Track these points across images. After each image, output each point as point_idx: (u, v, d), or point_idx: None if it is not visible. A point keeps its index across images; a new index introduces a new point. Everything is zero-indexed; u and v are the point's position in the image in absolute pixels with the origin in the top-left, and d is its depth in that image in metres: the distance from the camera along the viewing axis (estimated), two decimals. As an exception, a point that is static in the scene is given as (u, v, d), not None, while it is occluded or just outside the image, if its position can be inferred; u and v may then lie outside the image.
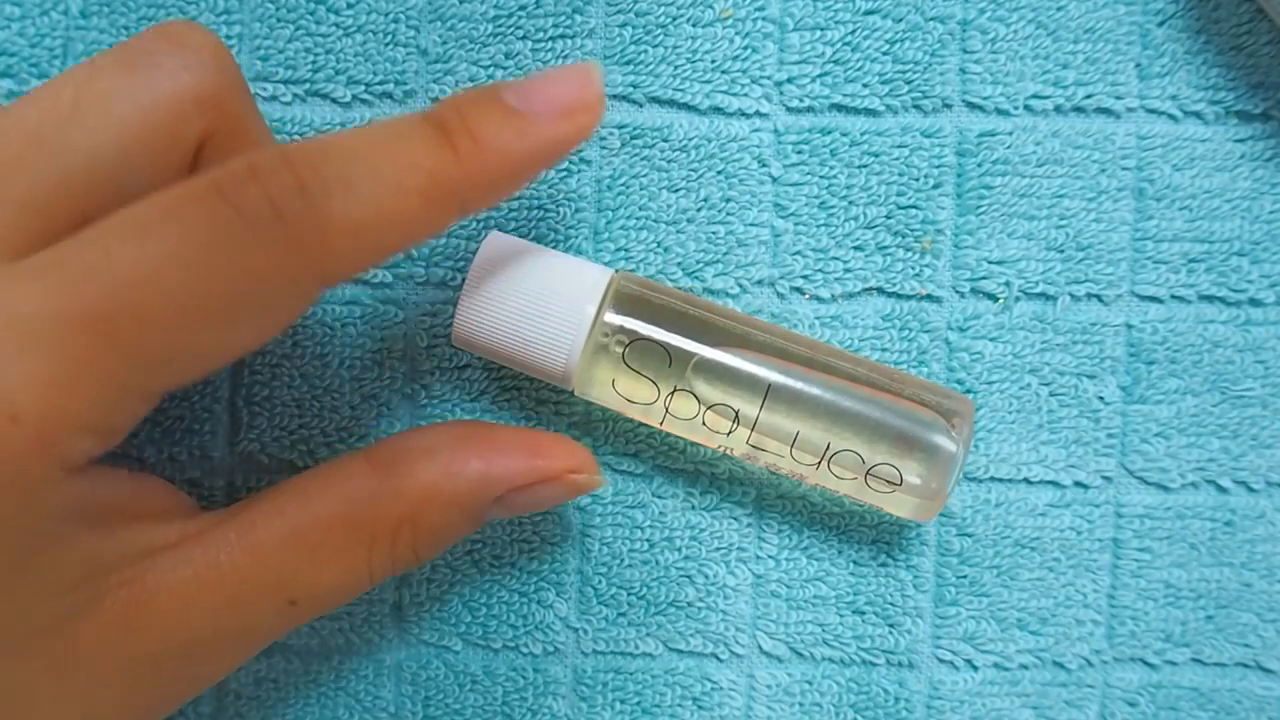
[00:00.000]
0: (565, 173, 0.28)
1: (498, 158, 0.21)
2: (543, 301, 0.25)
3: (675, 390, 0.25)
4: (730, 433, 0.25)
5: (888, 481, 0.25)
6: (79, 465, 0.20)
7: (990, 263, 0.28)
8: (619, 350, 0.25)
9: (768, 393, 0.25)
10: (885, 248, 0.28)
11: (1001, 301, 0.28)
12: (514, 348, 0.25)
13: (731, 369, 0.25)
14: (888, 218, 0.28)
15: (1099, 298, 0.28)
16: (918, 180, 0.28)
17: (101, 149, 0.20)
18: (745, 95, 0.28)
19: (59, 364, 0.19)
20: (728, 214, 0.28)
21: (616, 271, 0.26)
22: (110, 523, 0.21)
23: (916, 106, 0.28)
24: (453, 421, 0.25)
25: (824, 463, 0.25)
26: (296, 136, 0.28)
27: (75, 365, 0.19)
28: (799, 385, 0.25)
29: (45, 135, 0.20)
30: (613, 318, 0.25)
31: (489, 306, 0.25)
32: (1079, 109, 0.27)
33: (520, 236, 0.28)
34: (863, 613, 0.28)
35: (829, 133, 0.28)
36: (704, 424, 0.25)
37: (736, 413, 0.25)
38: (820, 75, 0.28)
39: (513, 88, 0.22)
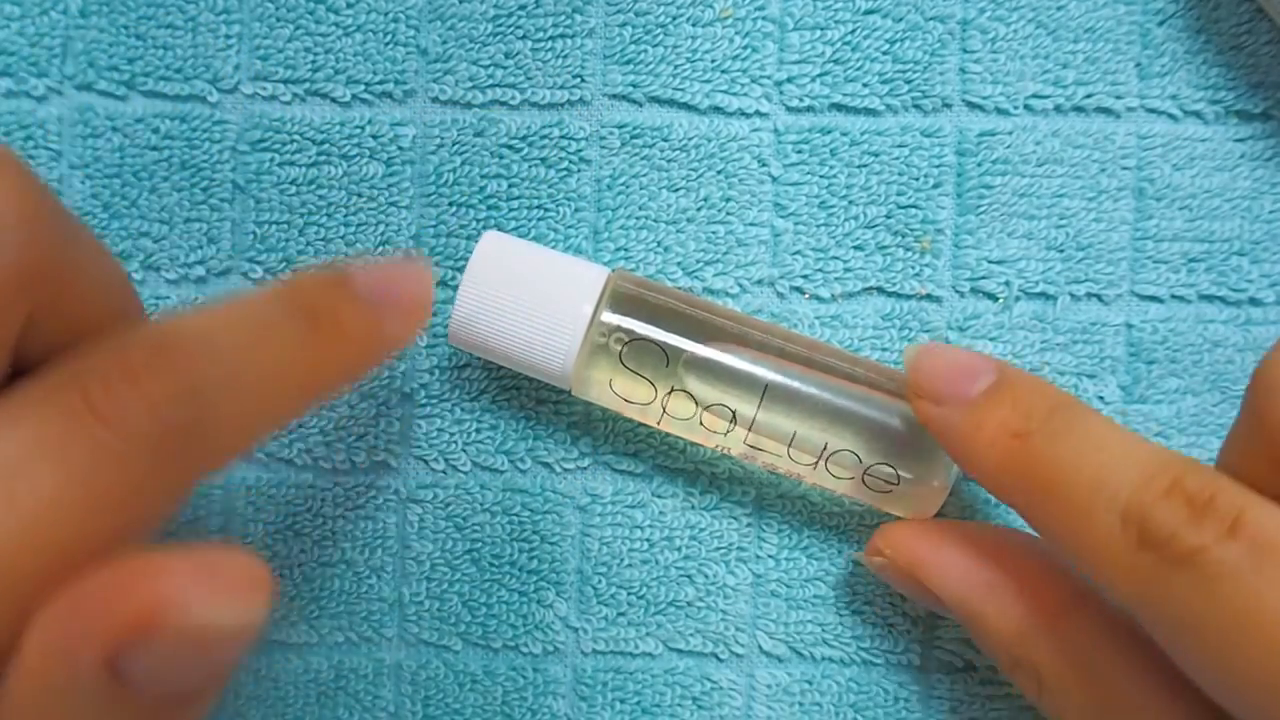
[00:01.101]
0: (565, 172, 0.28)
1: (357, 343, 0.21)
2: (539, 301, 0.25)
3: (672, 390, 0.25)
4: (728, 433, 0.25)
5: (885, 481, 0.25)
6: None
7: (990, 262, 0.28)
8: (616, 350, 0.25)
9: (765, 392, 0.25)
10: (885, 247, 0.28)
11: (1001, 301, 0.28)
12: (511, 348, 0.25)
13: (728, 368, 0.25)
14: (888, 217, 0.28)
15: (1099, 297, 0.28)
16: (918, 180, 0.28)
17: None
18: (745, 95, 0.28)
19: None
20: (728, 214, 0.28)
21: (614, 270, 0.26)
22: None
23: (916, 106, 0.27)
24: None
25: (822, 462, 0.25)
26: (297, 137, 0.28)
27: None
28: (796, 385, 0.25)
29: None
30: (610, 317, 0.25)
31: (485, 306, 0.25)
32: (1079, 109, 0.27)
33: (520, 236, 0.28)
34: (862, 613, 0.28)
35: (829, 132, 0.28)
36: (701, 424, 0.25)
37: (734, 413, 0.25)
38: (820, 75, 0.28)
39: (360, 280, 0.21)
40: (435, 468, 0.28)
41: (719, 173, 0.28)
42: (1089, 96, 0.27)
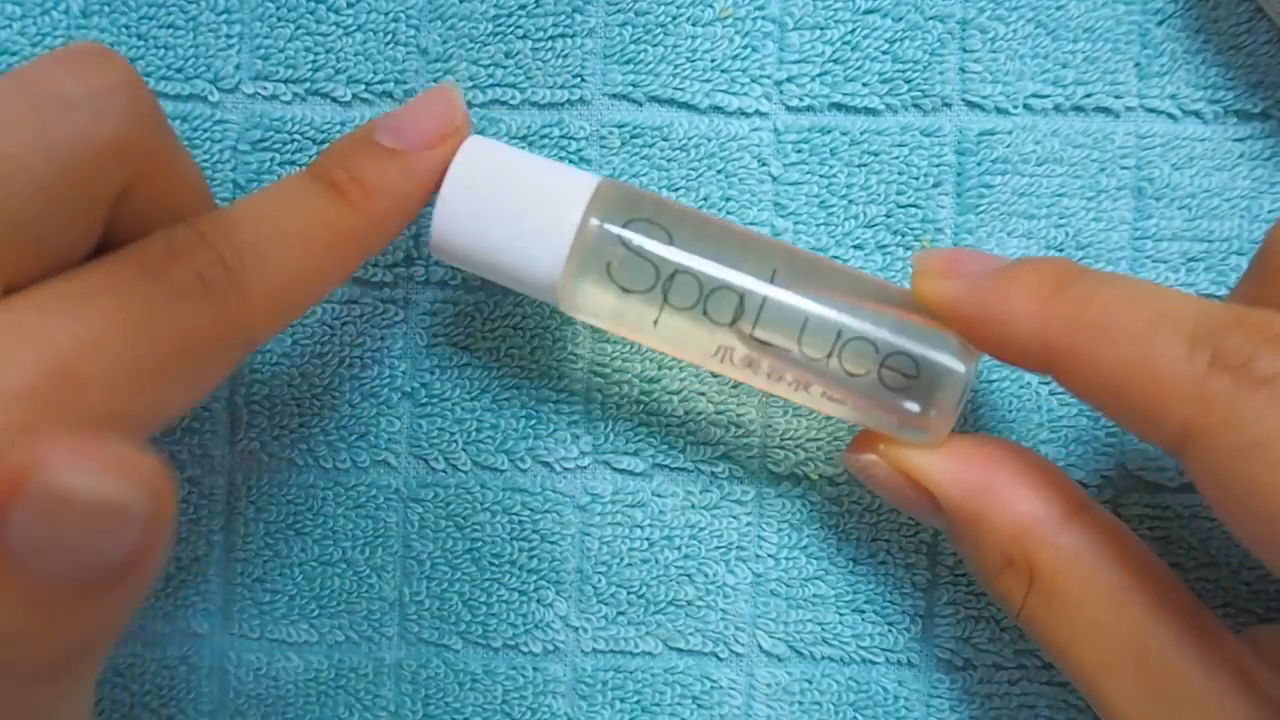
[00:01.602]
0: (565, 172, 0.28)
1: (386, 198, 0.23)
2: (527, 196, 0.23)
3: (676, 273, 0.23)
4: (735, 322, 0.23)
5: (904, 375, 0.23)
6: None
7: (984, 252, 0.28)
8: (614, 235, 0.23)
9: (775, 272, 0.23)
10: (885, 247, 0.28)
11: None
12: (495, 254, 0.24)
13: (735, 243, 0.24)
14: (887, 216, 0.28)
15: (1098, 297, 0.28)
16: (917, 179, 0.28)
17: (15, 209, 0.19)
18: (745, 94, 0.28)
19: (5, 437, 0.18)
20: (728, 213, 0.28)
21: (603, 178, 0.24)
22: None
23: (916, 105, 0.28)
24: None
25: (835, 355, 0.23)
26: (298, 137, 0.28)
27: (14, 432, 0.18)
28: (808, 267, 0.24)
29: None
30: (605, 206, 0.23)
31: (468, 213, 0.24)
32: (1078, 108, 0.27)
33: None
34: (862, 612, 0.28)
35: (829, 132, 0.28)
36: (705, 313, 0.23)
37: (741, 297, 0.23)
38: (820, 74, 0.28)
39: (384, 127, 0.24)
40: (435, 467, 0.28)
41: (719, 172, 0.28)
42: (1088, 96, 0.27)
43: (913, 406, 0.23)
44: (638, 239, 0.23)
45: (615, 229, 0.23)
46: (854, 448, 0.25)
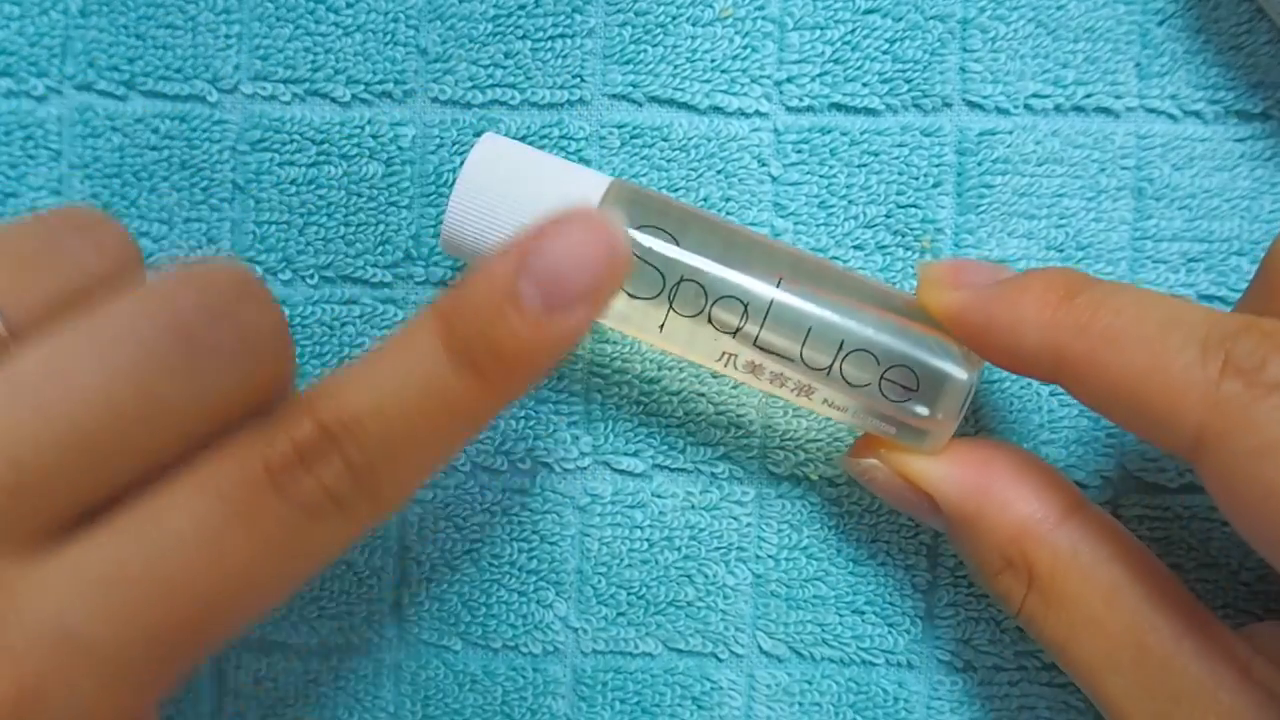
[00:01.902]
0: (565, 172, 0.28)
1: (527, 368, 0.20)
2: (539, 199, 0.23)
3: (681, 281, 0.23)
4: (738, 331, 0.23)
5: (904, 388, 0.23)
6: None
7: (991, 262, 0.28)
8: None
9: (779, 283, 0.23)
10: (885, 247, 0.28)
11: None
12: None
13: (740, 251, 0.24)
14: (887, 217, 0.28)
15: (1099, 297, 0.28)
16: (917, 179, 0.28)
17: (152, 451, 0.19)
18: (745, 95, 0.28)
19: (140, 675, 0.18)
20: (728, 214, 0.28)
21: (615, 179, 0.25)
22: None
23: (916, 105, 0.28)
24: None
25: (837, 364, 0.23)
26: (297, 137, 0.28)
27: (153, 668, 0.18)
28: (813, 273, 0.24)
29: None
30: (616, 209, 0.24)
31: (480, 211, 0.24)
32: (1079, 108, 0.27)
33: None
34: (862, 613, 0.28)
35: (829, 132, 0.28)
36: (709, 321, 0.23)
37: (745, 306, 0.23)
38: (820, 74, 0.28)
39: (530, 273, 0.19)
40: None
41: (719, 172, 0.28)
42: (1089, 96, 0.27)
43: (914, 415, 0.24)
44: (645, 246, 0.23)
45: (627, 222, 0.23)
46: (854, 452, 0.25)
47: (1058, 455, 0.27)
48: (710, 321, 0.23)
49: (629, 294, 0.24)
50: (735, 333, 0.23)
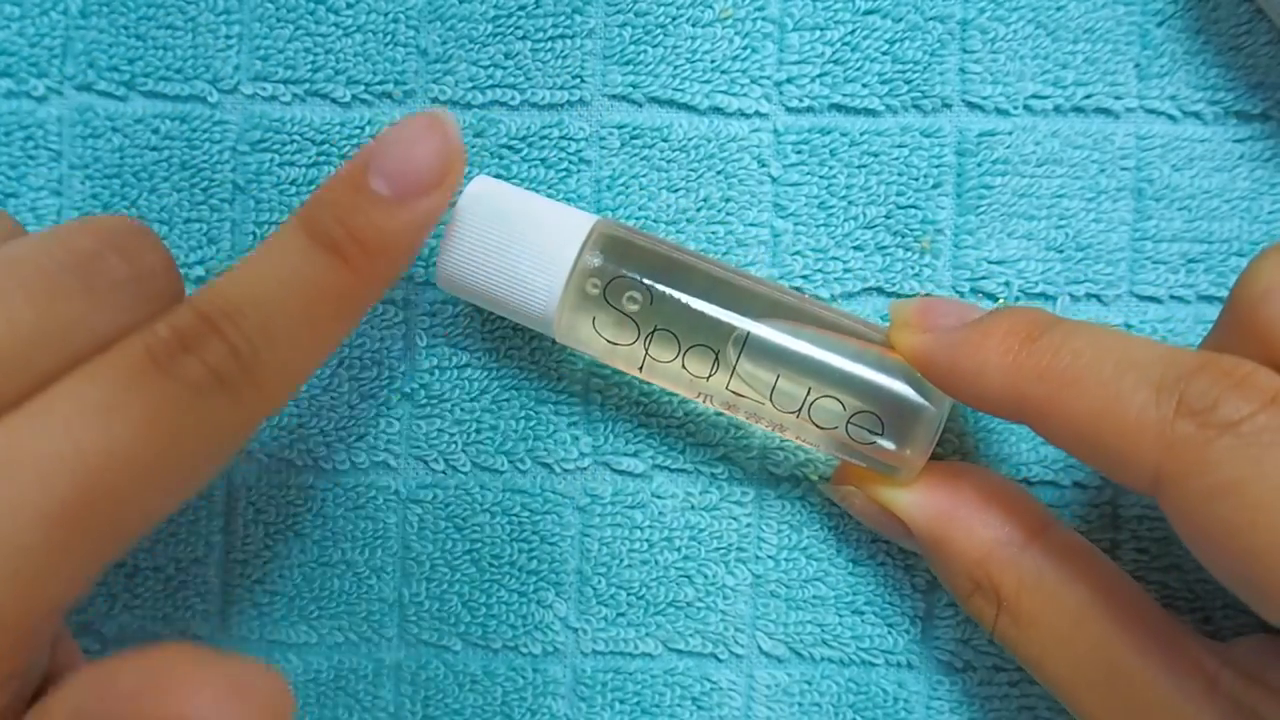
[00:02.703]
0: (564, 173, 0.28)
1: (388, 256, 0.22)
2: (524, 244, 0.25)
3: (655, 330, 0.25)
4: (710, 377, 0.25)
5: (869, 431, 0.24)
6: (46, 639, 0.20)
7: (990, 263, 0.28)
8: (599, 288, 0.25)
9: (747, 338, 0.24)
10: (885, 248, 0.28)
11: (1001, 302, 0.28)
12: (495, 290, 0.25)
13: (711, 308, 0.25)
14: (887, 217, 0.28)
15: (1098, 298, 0.28)
16: (917, 180, 0.28)
17: (51, 370, 0.20)
18: (745, 95, 0.28)
19: (38, 559, 0.18)
20: (727, 214, 0.28)
21: (601, 218, 0.26)
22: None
23: (916, 106, 0.28)
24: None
25: (805, 410, 0.24)
26: (297, 138, 0.28)
27: (55, 556, 0.19)
28: (780, 328, 0.25)
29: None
30: (594, 259, 0.25)
31: (472, 249, 0.25)
32: (1078, 109, 0.27)
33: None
34: (862, 613, 0.28)
35: (829, 133, 0.28)
36: (684, 367, 0.25)
37: (716, 354, 0.25)
38: (820, 75, 0.28)
39: (379, 170, 0.22)
40: (435, 468, 0.28)
41: (719, 173, 0.28)
42: (1088, 97, 0.27)
43: (882, 451, 0.25)
44: (619, 298, 0.25)
45: (599, 287, 0.25)
46: (834, 479, 0.27)
47: (1057, 455, 0.27)
48: (685, 367, 0.25)
49: (608, 342, 0.25)
50: (708, 378, 0.25)
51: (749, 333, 0.24)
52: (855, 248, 0.28)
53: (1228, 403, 0.20)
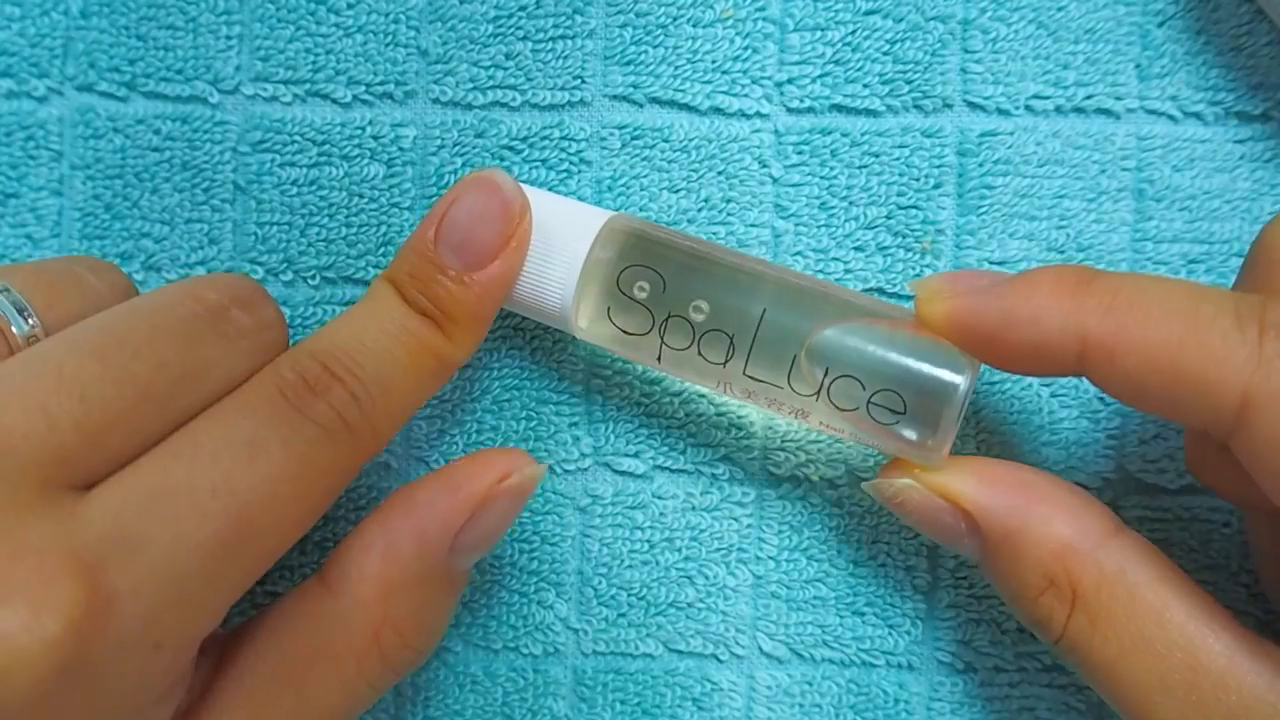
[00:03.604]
0: (565, 174, 0.28)
1: (471, 324, 0.24)
2: (539, 240, 0.25)
3: (669, 317, 0.24)
4: (726, 362, 0.24)
5: (890, 411, 0.23)
6: (193, 663, 0.22)
7: (991, 263, 0.28)
8: (613, 276, 0.25)
9: (763, 315, 0.24)
10: (886, 248, 0.28)
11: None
12: (515, 292, 0.25)
13: (725, 292, 0.24)
14: (888, 218, 0.28)
15: (1099, 298, 0.28)
16: (918, 180, 0.28)
17: (190, 407, 0.21)
18: (745, 96, 0.28)
19: (195, 588, 0.20)
20: (728, 215, 0.28)
21: (614, 213, 0.26)
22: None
23: (917, 106, 0.28)
24: (382, 505, 0.25)
25: (824, 392, 0.24)
26: (298, 138, 0.28)
27: (209, 585, 0.20)
28: (795, 307, 0.24)
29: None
30: (607, 251, 0.25)
31: None
32: (1079, 109, 0.27)
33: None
34: (862, 614, 0.28)
35: (829, 133, 0.28)
36: (700, 354, 0.24)
37: (731, 339, 0.24)
38: (820, 75, 0.28)
39: (449, 245, 0.24)
40: (435, 468, 0.28)
41: (719, 174, 0.28)
42: (1089, 98, 0.27)
43: (908, 433, 0.24)
44: (632, 286, 0.25)
45: (613, 277, 0.25)
46: (885, 474, 0.25)
47: (1058, 456, 0.27)
48: (701, 354, 0.24)
49: (623, 332, 0.25)
50: (725, 364, 0.24)
51: (763, 313, 0.24)
52: (856, 248, 0.28)
53: None
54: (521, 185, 0.25)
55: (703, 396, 0.28)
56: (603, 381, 0.28)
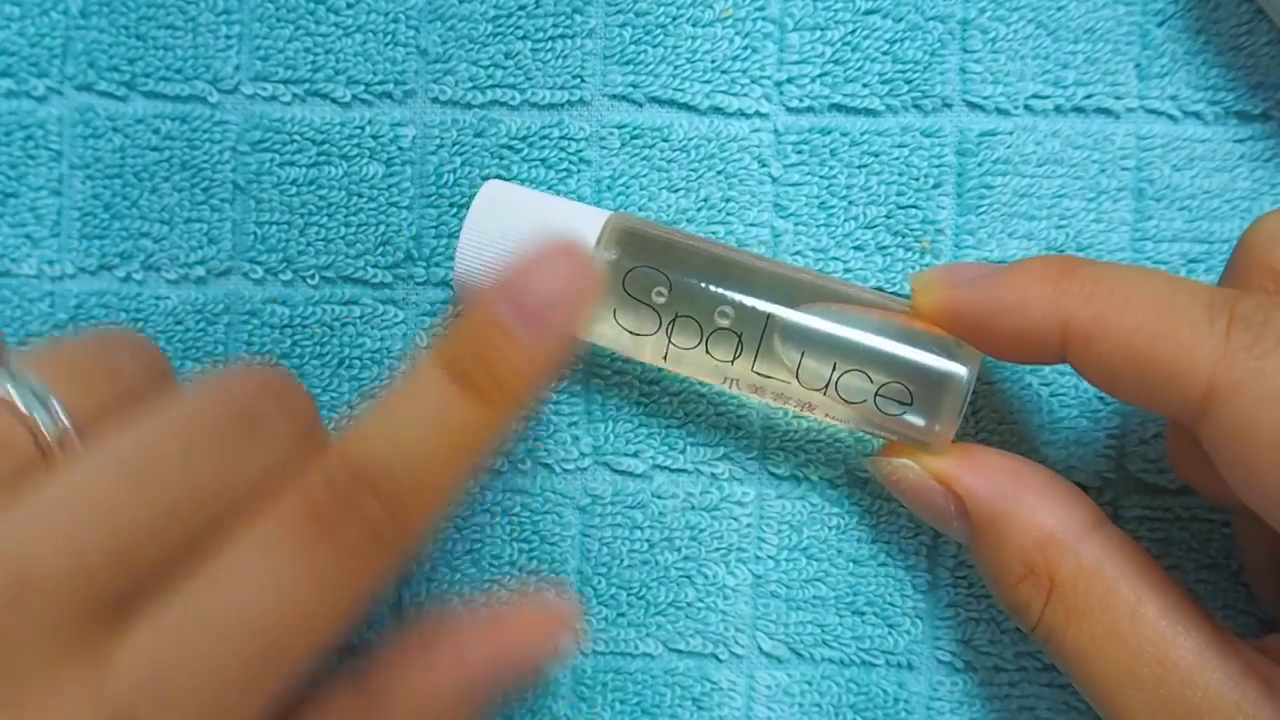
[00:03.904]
0: (565, 173, 0.28)
1: (525, 390, 0.22)
2: (538, 240, 0.24)
3: (676, 317, 0.25)
4: (735, 359, 0.25)
5: (898, 402, 0.24)
6: None
7: (991, 263, 0.28)
8: (619, 278, 0.25)
9: (769, 318, 0.24)
10: (885, 248, 0.28)
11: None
12: None
13: (731, 290, 0.24)
14: (888, 218, 0.28)
15: (1099, 298, 0.28)
16: (918, 180, 0.28)
17: (218, 515, 0.21)
18: (745, 95, 0.28)
19: (228, 707, 0.20)
20: (728, 214, 0.28)
21: (614, 212, 0.26)
22: None
23: (916, 106, 0.28)
24: (422, 621, 0.25)
25: (831, 387, 0.24)
26: (297, 138, 0.28)
27: (241, 703, 0.20)
28: (803, 306, 0.24)
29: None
30: (610, 252, 0.25)
31: (487, 252, 0.25)
32: (1079, 109, 0.27)
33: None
34: (862, 613, 0.28)
35: (829, 133, 0.28)
36: (707, 352, 0.25)
37: (739, 336, 0.24)
38: (820, 75, 0.28)
39: (511, 304, 0.22)
40: (435, 468, 0.28)
41: (719, 173, 0.28)
42: (1089, 97, 0.27)
43: (913, 423, 0.24)
44: (639, 287, 0.24)
45: (618, 278, 0.24)
46: (885, 452, 0.26)
47: (1058, 455, 0.27)
48: (709, 353, 0.25)
49: (630, 332, 0.25)
50: (733, 361, 0.24)
51: (770, 313, 0.24)
52: (855, 248, 0.28)
53: (1277, 321, 0.20)
54: (520, 187, 0.25)
55: (702, 396, 0.28)
56: (602, 381, 0.28)
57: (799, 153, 0.28)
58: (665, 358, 0.25)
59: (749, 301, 0.24)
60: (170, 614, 0.20)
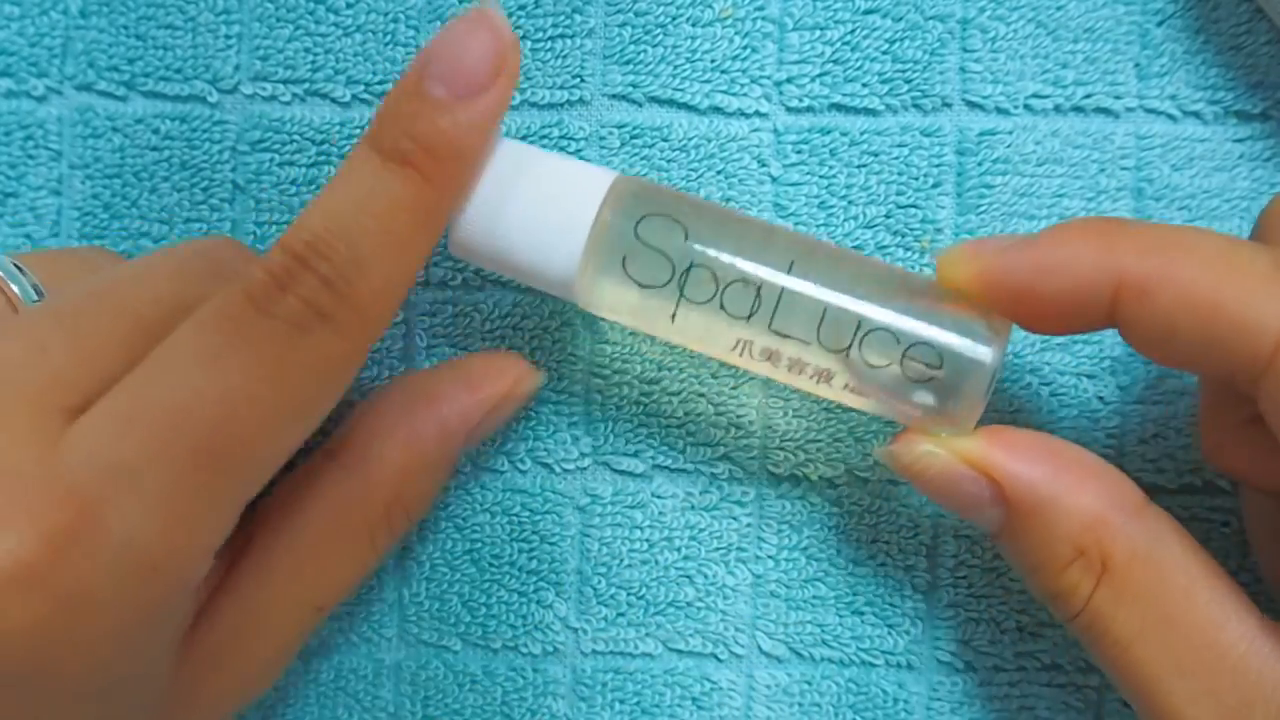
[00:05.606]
0: (565, 172, 0.28)
1: (456, 157, 0.22)
2: (543, 189, 0.23)
3: (691, 266, 0.23)
4: (751, 315, 0.23)
5: (927, 366, 0.22)
6: (197, 582, 0.22)
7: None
8: (631, 224, 0.23)
9: (792, 265, 0.23)
10: (885, 247, 0.28)
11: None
12: (514, 252, 0.23)
13: (752, 236, 0.23)
14: (887, 217, 0.28)
15: (1098, 298, 0.28)
16: (917, 179, 0.28)
17: (160, 328, 0.22)
18: (745, 95, 0.28)
19: (182, 506, 0.20)
20: (727, 214, 0.28)
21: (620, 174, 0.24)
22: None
23: (916, 106, 0.28)
24: (393, 383, 0.26)
25: (855, 346, 0.22)
26: (297, 138, 0.28)
27: (197, 500, 0.20)
28: (827, 257, 0.23)
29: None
30: (623, 199, 0.23)
31: (486, 214, 0.23)
32: (1078, 108, 0.27)
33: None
34: (862, 613, 0.28)
35: (829, 132, 0.28)
36: (722, 307, 0.23)
37: (758, 289, 0.23)
38: (820, 75, 0.28)
39: (435, 75, 0.21)
40: (435, 468, 0.28)
41: (719, 173, 0.28)
42: (1088, 97, 0.27)
43: (939, 398, 0.23)
44: (652, 234, 0.23)
45: (630, 224, 0.23)
46: (903, 440, 0.24)
47: (1057, 456, 0.27)
48: (723, 308, 0.23)
49: (639, 284, 0.23)
50: (749, 318, 0.23)
51: (793, 262, 0.23)
52: (855, 248, 0.28)
53: None
54: (526, 145, 0.24)
55: (701, 396, 0.28)
56: (602, 381, 0.28)
57: (799, 152, 0.28)
58: (674, 317, 0.23)
59: (770, 250, 0.23)
60: (116, 398, 0.20)
